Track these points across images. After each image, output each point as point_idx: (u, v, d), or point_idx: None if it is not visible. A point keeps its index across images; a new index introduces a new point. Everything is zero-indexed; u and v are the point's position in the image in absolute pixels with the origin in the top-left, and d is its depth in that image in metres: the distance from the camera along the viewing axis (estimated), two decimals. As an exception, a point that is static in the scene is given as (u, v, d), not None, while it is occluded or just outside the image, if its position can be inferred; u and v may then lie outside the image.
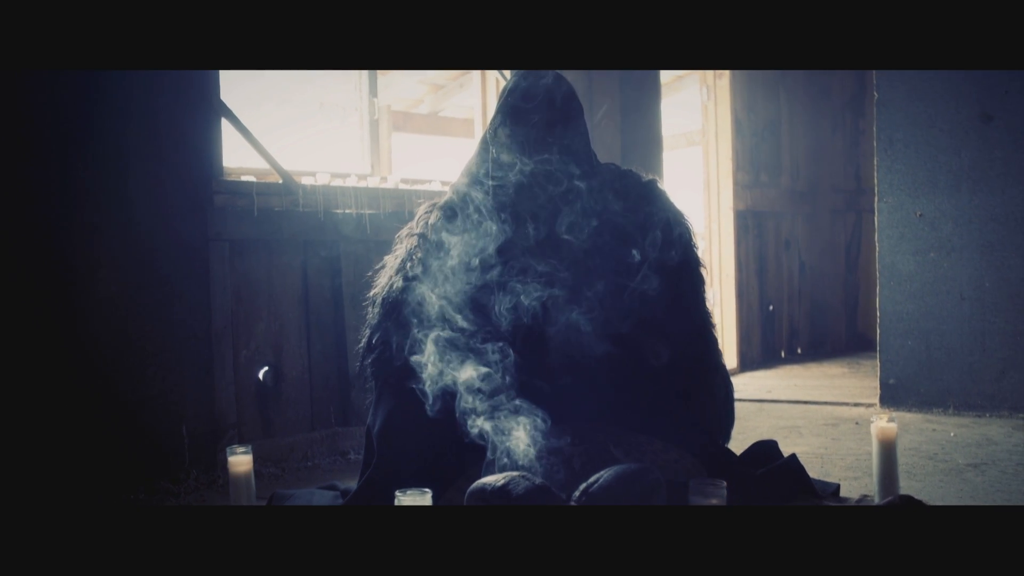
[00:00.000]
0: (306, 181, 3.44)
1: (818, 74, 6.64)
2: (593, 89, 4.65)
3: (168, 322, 2.86)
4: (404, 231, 2.13)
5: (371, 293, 2.18)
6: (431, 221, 2.05)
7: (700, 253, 2.21)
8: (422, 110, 6.62)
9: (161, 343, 2.84)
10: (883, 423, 2.16)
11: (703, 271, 2.13)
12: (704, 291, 2.12)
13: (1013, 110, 3.74)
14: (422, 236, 2.03)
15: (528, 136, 1.88)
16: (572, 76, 2.14)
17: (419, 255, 2.00)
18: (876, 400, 4.08)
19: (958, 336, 3.84)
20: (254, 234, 3.13)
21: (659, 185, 2.10)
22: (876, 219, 4.07)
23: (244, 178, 3.27)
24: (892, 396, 4.00)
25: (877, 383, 4.10)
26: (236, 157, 3.59)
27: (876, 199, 4.06)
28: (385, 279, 2.12)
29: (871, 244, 6.51)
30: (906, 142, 3.98)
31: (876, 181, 4.07)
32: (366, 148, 3.93)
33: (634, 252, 1.90)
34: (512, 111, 1.93)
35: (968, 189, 3.83)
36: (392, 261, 2.12)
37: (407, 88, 6.44)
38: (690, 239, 2.06)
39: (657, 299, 1.90)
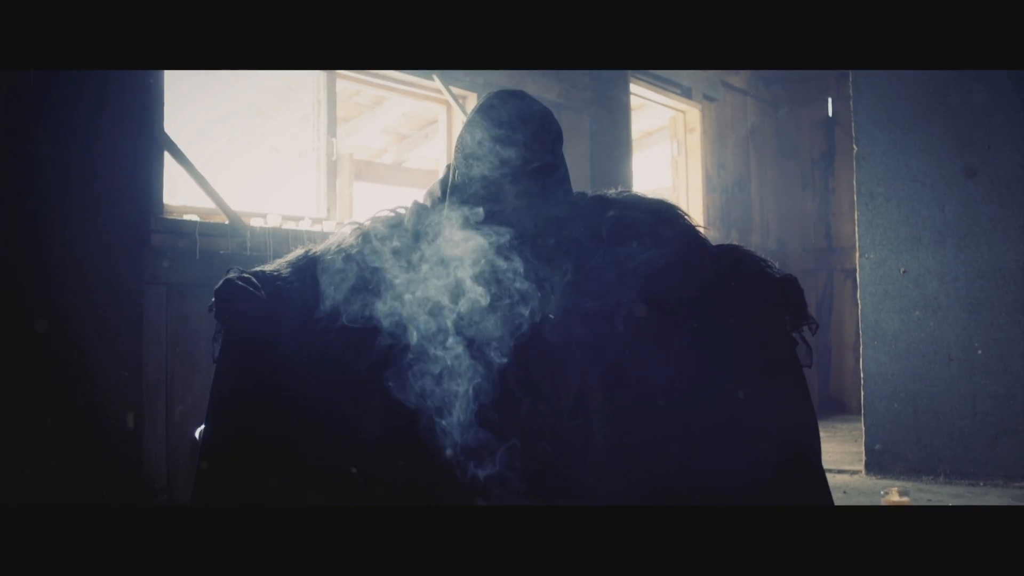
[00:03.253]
0: (255, 223, 3.18)
1: (787, 131, 6.58)
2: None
3: (93, 373, 2.55)
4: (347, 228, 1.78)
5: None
6: (381, 223, 1.73)
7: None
8: (386, 160, 6.42)
9: (84, 396, 2.52)
10: (895, 497, 1.93)
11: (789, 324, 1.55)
12: (791, 358, 1.55)
13: (997, 164, 3.62)
14: (360, 226, 1.71)
15: (498, 151, 1.65)
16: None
17: (358, 245, 1.64)
18: (861, 467, 3.85)
19: (947, 399, 3.64)
20: (196, 278, 2.86)
21: (634, 191, 1.85)
22: (858, 276, 3.90)
23: (187, 217, 3.00)
24: (878, 463, 3.78)
25: (859, 448, 3.89)
26: (179, 195, 3.33)
27: (857, 255, 3.90)
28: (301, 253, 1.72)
29: (843, 304, 6.39)
30: (887, 196, 3.84)
31: (857, 236, 3.91)
32: (323, 190, 3.69)
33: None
34: (480, 125, 1.70)
35: (953, 245, 3.68)
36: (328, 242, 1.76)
37: (370, 137, 6.26)
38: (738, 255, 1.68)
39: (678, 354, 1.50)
